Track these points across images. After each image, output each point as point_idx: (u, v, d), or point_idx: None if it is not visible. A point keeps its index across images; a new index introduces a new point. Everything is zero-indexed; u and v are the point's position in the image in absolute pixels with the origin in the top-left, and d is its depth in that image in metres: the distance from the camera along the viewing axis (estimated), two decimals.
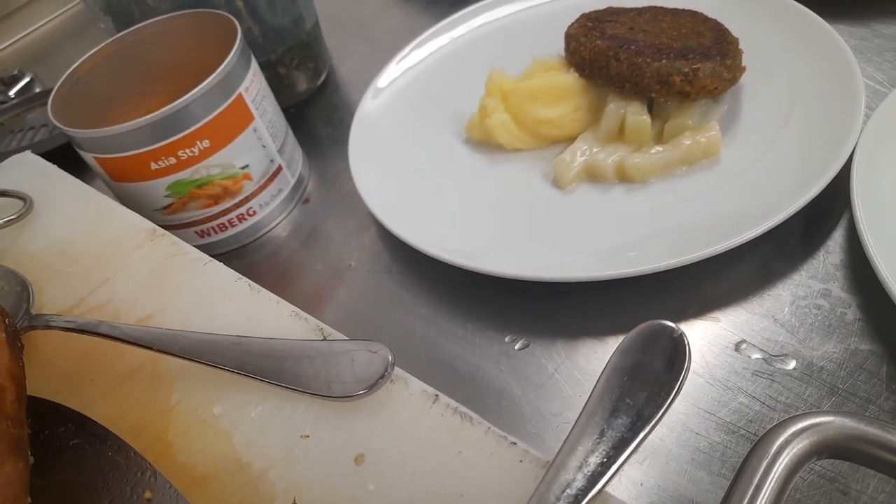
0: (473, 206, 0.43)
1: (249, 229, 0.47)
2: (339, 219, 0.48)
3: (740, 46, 0.43)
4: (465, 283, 0.40)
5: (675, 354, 0.22)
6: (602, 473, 0.20)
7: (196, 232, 0.46)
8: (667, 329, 0.22)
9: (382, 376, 0.24)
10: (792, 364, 0.33)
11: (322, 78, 0.60)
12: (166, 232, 0.34)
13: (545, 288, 0.38)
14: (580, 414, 0.22)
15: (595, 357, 0.36)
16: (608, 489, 0.20)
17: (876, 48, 0.46)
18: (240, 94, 0.43)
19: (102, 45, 0.48)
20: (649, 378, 0.21)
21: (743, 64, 0.43)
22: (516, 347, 0.37)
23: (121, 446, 0.25)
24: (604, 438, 0.20)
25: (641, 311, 0.37)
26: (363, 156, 0.47)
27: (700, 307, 0.36)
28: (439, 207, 0.43)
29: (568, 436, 0.21)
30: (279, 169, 0.47)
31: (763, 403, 0.32)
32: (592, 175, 0.42)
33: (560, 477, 0.20)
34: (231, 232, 0.47)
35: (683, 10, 0.46)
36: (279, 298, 0.29)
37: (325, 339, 0.26)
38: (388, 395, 0.24)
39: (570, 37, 0.45)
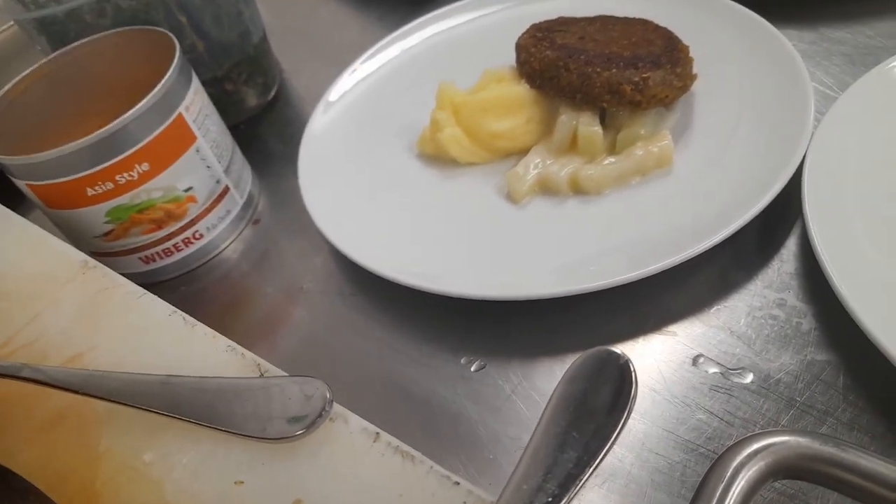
0: (427, 223, 0.42)
1: (197, 253, 0.46)
2: (291, 239, 0.47)
3: (691, 54, 0.43)
4: (420, 303, 0.39)
5: (621, 383, 0.21)
6: None
7: (140, 258, 0.44)
8: (613, 356, 0.21)
9: (320, 415, 0.22)
10: (749, 377, 0.32)
11: (272, 92, 0.58)
12: (98, 263, 0.32)
13: (501, 306, 0.37)
14: (524, 449, 0.21)
15: (553, 376, 0.35)
16: None
17: (824, 52, 0.46)
18: (180, 114, 0.41)
19: (36, 65, 0.46)
20: (596, 409, 0.21)
21: (694, 71, 0.43)
22: (472, 369, 0.36)
23: (43, 502, 0.23)
24: (550, 476, 0.19)
25: (599, 327, 0.36)
26: (313, 174, 0.45)
27: (657, 321, 0.35)
28: (392, 226, 0.42)
29: (512, 473, 0.20)
30: (226, 189, 0.46)
31: (721, 419, 0.31)
32: (546, 188, 0.41)
33: None
34: (177, 256, 0.45)
35: (634, 19, 0.46)
36: (215, 333, 0.27)
37: (261, 376, 0.25)
38: (327, 435, 0.23)
39: (520, 47, 0.44)
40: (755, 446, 0.25)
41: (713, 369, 0.33)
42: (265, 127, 0.58)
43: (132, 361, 0.27)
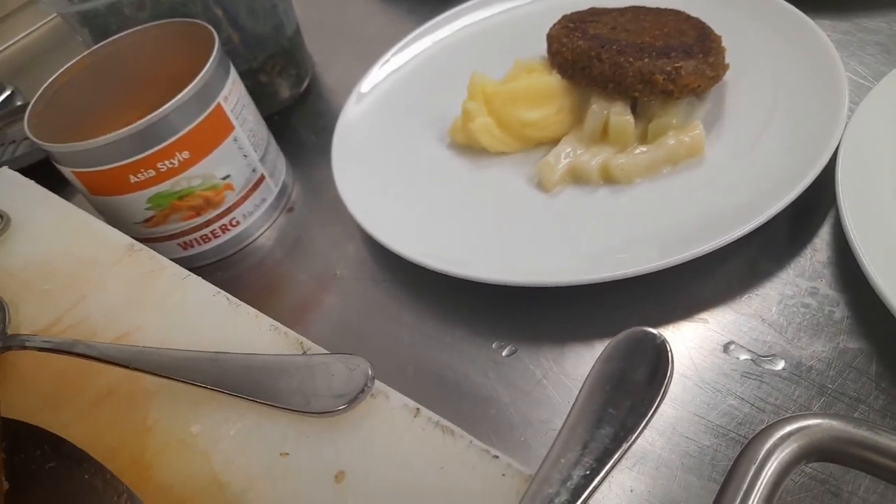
0: (458, 211, 0.43)
1: (233, 240, 0.47)
2: (324, 227, 0.48)
3: (723, 44, 0.43)
4: (452, 290, 0.40)
5: (657, 362, 0.21)
6: (585, 486, 0.19)
7: (179, 244, 0.45)
8: (649, 336, 0.22)
9: (362, 391, 0.23)
10: (781, 364, 0.32)
11: (305, 84, 0.59)
12: (144, 247, 0.33)
13: (531, 293, 0.38)
14: (563, 425, 0.21)
15: (583, 362, 0.35)
16: (594, 500, 0.20)
17: (858, 42, 0.46)
18: (218, 104, 0.42)
19: (79, 57, 0.47)
20: (632, 387, 0.21)
21: (726, 62, 0.43)
22: (504, 354, 0.37)
23: (97, 469, 0.24)
24: (587, 450, 0.20)
25: (629, 314, 0.36)
26: (346, 163, 0.46)
27: (687, 308, 0.36)
28: (424, 213, 0.43)
29: (551, 448, 0.21)
30: (262, 178, 0.47)
31: (752, 405, 0.31)
32: (577, 177, 0.42)
33: (542, 490, 0.19)
34: (214, 243, 0.46)
35: (666, 10, 0.46)
36: (258, 312, 0.28)
37: (304, 354, 0.26)
38: (369, 410, 0.23)
39: (551, 38, 0.45)
40: (787, 429, 0.25)
41: (744, 356, 0.33)
42: (298, 118, 0.59)
43: (178, 340, 0.28)
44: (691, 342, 0.34)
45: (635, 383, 0.21)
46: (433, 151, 0.47)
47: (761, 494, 0.24)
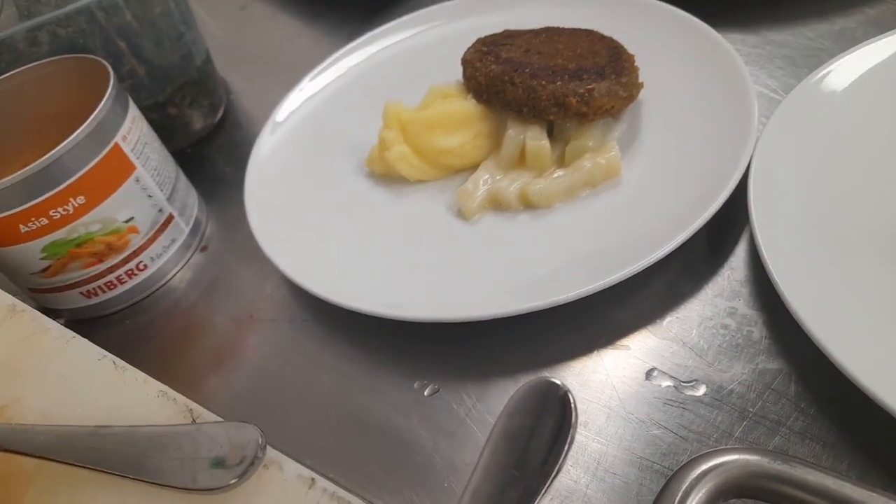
0: (377, 245, 0.41)
1: (142, 284, 0.44)
2: (240, 266, 0.46)
3: (637, 63, 0.43)
4: (373, 328, 0.38)
5: (562, 415, 0.20)
6: None
7: (81, 293, 0.43)
8: (553, 387, 0.21)
9: (252, 463, 0.21)
10: (702, 390, 0.32)
11: (219, 114, 0.57)
12: (27, 307, 0.31)
13: (453, 327, 0.37)
14: (465, 488, 0.20)
15: (507, 397, 0.34)
16: None
17: (767, 55, 0.47)
18: (116, 144, 0.40)
19: None
20: (536, 444, 0.20)
21: (641, 80, 0.43)
22: (426, 393, 0.35)
23: None
24: None
25: (551, 344, 0.35)
26: (259, 199, 0.44)
27: (610, 335, 0.35)
28: (342, 250, 0.41)
29: None
30: (170, 218, 0.44)
31: (676, 434, 0.31)
32: (496, 204, 0.41)
33: None
34: (121, 289, 0.44)
35: (579, 30, 0.46)
36: (147, 377, 0.26)
37: (192, 423, 0.24)
38: (261, 483, 0.22)
39: (465, 63, 0.44)
40: (704, 466, 0.24)
41: (666, 383, 0.32)
42: (214, 149, 0.56)
43: (60, 412, 0.26)
44: (613, 370, 0.33)
45: (540, 439, 0.20)
46: (350, 182, 0.46)
47: None
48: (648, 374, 0.33)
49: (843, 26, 0.47)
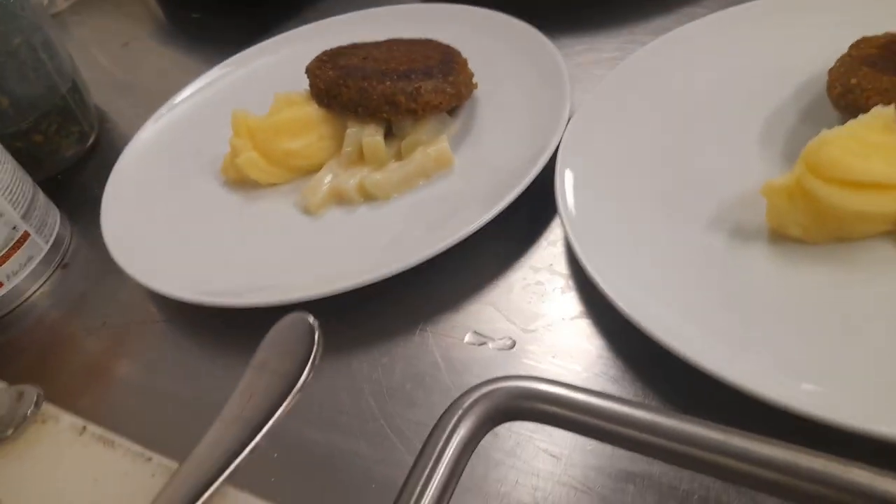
0: (230, 243, 0.43)
1: (1, 301, 0.45)
2: (101, 280, 0.46)
3: (473, 67, 0.46)
4: (225, 323, 0.39)
5: (309, 344, 0.22)
6: (223, 469, 0.20)
7: None
8: (301, 320, 0.23)
9: (26, 416, 0.23)
10: (510, 343, 0.34)
11: (90, 141, 0.58)
12: None
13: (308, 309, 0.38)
14: (216, 422, 0.21)
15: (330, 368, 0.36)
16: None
17: (594, 58, 0.51)
18: None
19: None
20: (283, 368, 0.22)
21: (475, 81, 0.46)
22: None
23: None
24: (227, 438, 0.20)
25: (397, 315, 0.38)
26: (117, 209, 0.46)
27: (434, 307, 0.37)
28: (196, 251, 0.43)
29: (198, 445, 0.21)
30: (25, 235, 0.45)
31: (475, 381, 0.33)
32: (339, 198, 0.43)
33: (177, 483, 0.20)
34: None
35: (420, 40, 0.49)
36: None
37: None
38: (38, 435, 0.23)
39: (308, 71, 0.47)
40: (475, 395, 0.26)
41: (481, 341, 0.35)
42: (87, 175, 0.57)
43: None
44: (436, 339, 0.36)
45: (285, 365, 0.22)
46: (208, 191, 0.47)
47: (448, 464, 0.25)
48: (464, 337, 0.35)
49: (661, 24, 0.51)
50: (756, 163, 0.37)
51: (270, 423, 0.20)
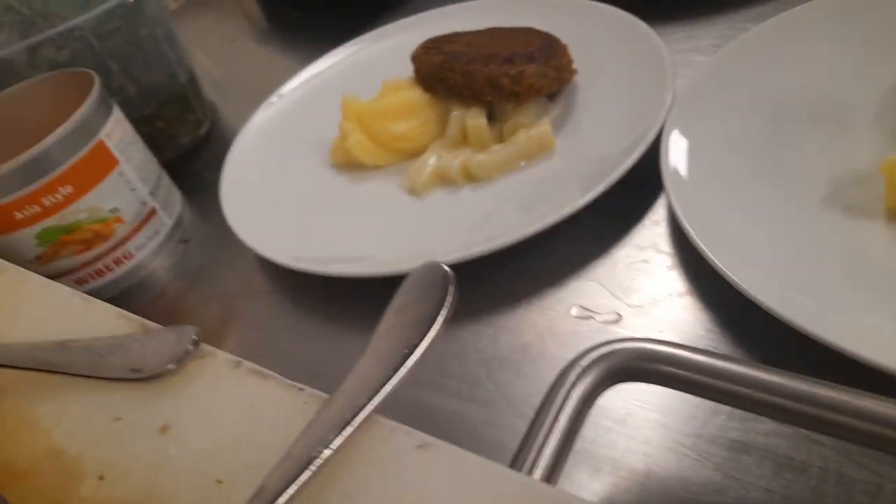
0: (338, 221, 0.45)
1: (128, 273, 0.48)
2: (217, 255, 0.50)
3: (573, 54, 0.47)
4: (338, 293, 0.42)
5: (444, 290, 0.24)
6: (371, 398, 0.21)
7: (73, 280, 0.47)
8: (436, 268, 0.24)
9: (187, 352, 0.25)
10: (615, 318, 0.35)
11: (205, 129, 0.62)
12: (12, 265, 0.35)
13: None
14: (360, 359, 0.23)
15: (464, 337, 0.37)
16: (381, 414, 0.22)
17: (695, 46, 0.51)
18: (100, 140, 0.45)
19: None
20: (420, 311, 0.23)
21: (574, 67, 0.47)
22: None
23: None
24: (374, 371, 0.22)
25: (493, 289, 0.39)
26: (234, 189, 0.49)
27: (540, 282, 0.38)
28: (307, 226, 0.45)
29: (348, 376, 0.23)
30: (153, 211, 0.49)
31: None
32: (443, 179, 0.45)
33: (330, 409, 0.21)
34: (109, 277, 0.48)
35: (520, 28, 0.50)
36: (108, 305, 0.30)
37: (144, 332, 0.28)
38: (197, 370, 0.25)
39: (413, 57, 0.49)
40: (594, 354, 0.27)
41: (586, 315, 0.35)
42: (200, 162, 0.61)
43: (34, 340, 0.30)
44: (540, 312, 0.37)
45: (422, 310, 0.23)
46: (316, 173, 0.50)
47: (567, 419, 0.26)
48: (570, 311, 0.36)
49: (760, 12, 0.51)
50: (869, 141, 0.37)
51: (413, 359, 0.22)
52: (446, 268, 0.24)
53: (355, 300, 0.41)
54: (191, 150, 0.62)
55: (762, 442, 0.28)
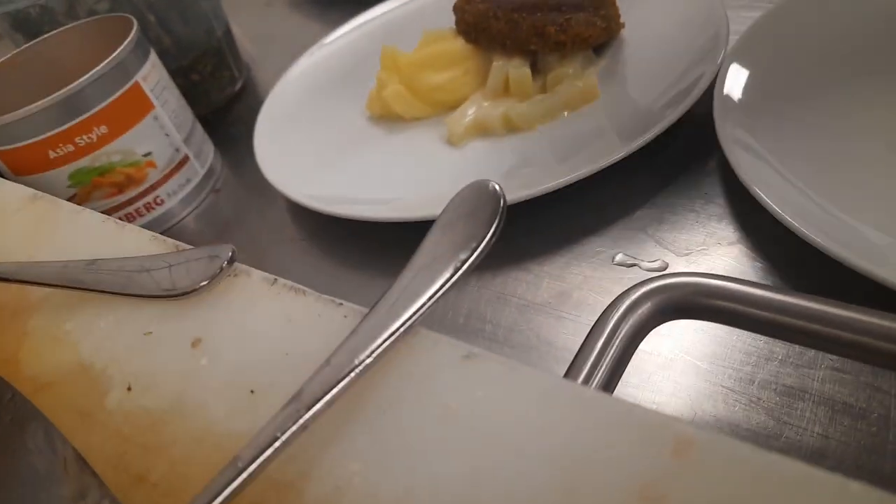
0: (373, 169, 0.44)
1: (159, 219, 0.48)
2: (248, 206, 0.49)
3: (621, 7, 0.46)
4: (374, 239, 0.41)
5: (494, 208, 0.22)
6: (417, 308, 0.20)
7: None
8: (486, 186, 0.23)
9: (221, 270, 0.24)
10: (660, 264, 0.33)
11: (239, 84, 0.62)
12: (46, 195, 0.34)
13: None
14: (403, 272, 0.22)
15: (510, 277, 0.36)
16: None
17: (747, 4, 0.49)
18: (137, 82, 0.44)
19: (8, 56, 0.49)
20: (469, 229, 0.22)
21: (622, 20, 0.45)
22: None
23: None
24: (418, 283, 0.21)
25: (530, 242, 0.37)
26: (268, 137, 0.48)
27: (582, 231, 0.37)
28: (341, 174, 0.44)
29: (387, 289, 0.21)
30: (186, 158, 0.48)
31: None
32: (482, 129, 0.43)
33: (371, 319, 0.20)
34: (140, 222, 0.47)
35: None
36: (141, 229, 0.29)
37: (177, 251, 0.27)
38: (230, 286, 0.24)
39: (455, 7, 0.47)
40: (647, 288, 0.26)
41: (630, 262, 0.34)
42: (234, 117, 0.60)
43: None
44: (582, 259, 0.35)
45: (472, 226, 0.22)
46: (352, 123, 0.49)
47: (617, 350, 0.24)
48: (613, 258, 0.34)
49: None
50: None
51: (459, 272, 0.20)
52: (496, 185, 0.22)
53: (388, 248, 0.40)
54: (223, 107, 0.61)
55: (818, 388, 0.27)
